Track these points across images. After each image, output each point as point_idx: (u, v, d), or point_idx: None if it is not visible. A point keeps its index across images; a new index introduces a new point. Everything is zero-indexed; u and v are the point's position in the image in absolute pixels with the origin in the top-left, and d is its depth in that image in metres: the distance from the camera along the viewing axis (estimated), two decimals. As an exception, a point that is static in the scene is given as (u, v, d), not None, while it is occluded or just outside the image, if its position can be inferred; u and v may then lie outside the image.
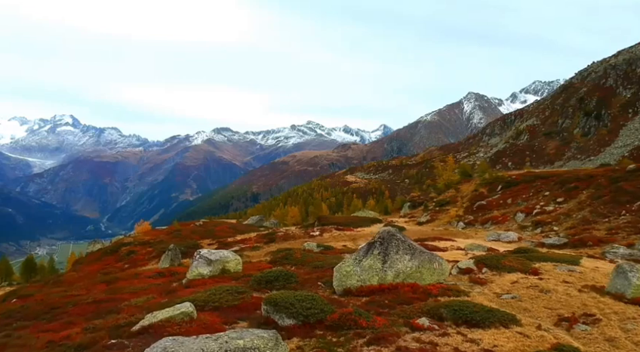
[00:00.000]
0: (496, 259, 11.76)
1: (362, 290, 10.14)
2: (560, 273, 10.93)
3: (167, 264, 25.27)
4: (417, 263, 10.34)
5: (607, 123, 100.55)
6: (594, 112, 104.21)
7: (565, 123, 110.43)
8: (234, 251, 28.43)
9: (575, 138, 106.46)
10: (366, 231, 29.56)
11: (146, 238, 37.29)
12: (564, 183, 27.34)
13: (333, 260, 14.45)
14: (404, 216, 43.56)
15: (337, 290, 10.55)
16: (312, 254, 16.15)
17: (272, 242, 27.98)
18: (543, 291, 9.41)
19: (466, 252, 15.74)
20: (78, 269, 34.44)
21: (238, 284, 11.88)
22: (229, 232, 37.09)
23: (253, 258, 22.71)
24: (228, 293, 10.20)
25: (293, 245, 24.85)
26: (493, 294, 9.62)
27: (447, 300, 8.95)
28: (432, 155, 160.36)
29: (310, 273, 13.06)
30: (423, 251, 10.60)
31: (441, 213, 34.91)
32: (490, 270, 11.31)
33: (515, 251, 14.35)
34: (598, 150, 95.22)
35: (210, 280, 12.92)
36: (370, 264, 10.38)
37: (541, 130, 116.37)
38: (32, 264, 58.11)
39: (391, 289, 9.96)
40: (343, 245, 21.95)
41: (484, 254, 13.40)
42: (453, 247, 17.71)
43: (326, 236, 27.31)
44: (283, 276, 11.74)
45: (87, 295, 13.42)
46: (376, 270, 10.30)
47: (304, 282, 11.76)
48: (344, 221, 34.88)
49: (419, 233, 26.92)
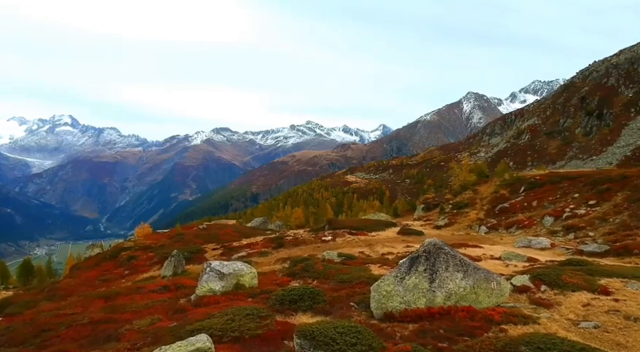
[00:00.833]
0: (555, 274, 10.16)
1: (407, 314, 8.57)
2: (634, 292, 9.37)
3: (170, 272, 24.18)
4: (472, 282, 8.77)
5: (609, 122, 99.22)
6: (596, 111, 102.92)
7: (567, 122, 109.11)
8: (240, 256, 26.83)
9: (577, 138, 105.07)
10: (381, 236, 28.01)
11: (147, 242, 35.73)
12: (595, 184, 25.58)
13: (360, 273, 12.88)
14: (418, 219, 41.80)
15: (376, 313, 8.99)
16: (333, 265, 14.55)
17: (280, 248, 26.46)
18: (629, 319, 7.85)
19: (506, 264, 14.13)
20: (75, 275, 32.81)
21: (257, 303, 10.30)
22: (234, 236, 35.49)
23: (262, 265, 21.14)
24: (248, 318, 8.62)
25: (304, 251, 23.27)
26: (567, 321, 8.05)
27: (517, 331, 7.39)
28: (433, 155, 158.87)
29: (337, 289, 11.49)
30: (478, 267, 9.02)
31: (460, 216, 33.03)
32: (549, 288, 9.74)
33: (566, 262, 12.73)
34: (600, 150, 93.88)
35: (223, 297, 11.35)
36: (414, 282, 8.81)
37: (542, 129, 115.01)
38: (30, 266, 56.33)
39: (442, 314, 8.39)
40: (360, 252, 20.38)
41: (537, 268, 11.79)
42: (487, 256, 16.12)
43: (339, 242, 25.71)
44: (308, 295, 10.17)
45: (83, 314, 11.82)
46: (423, 291, 8.73)
47: (333, 301, 10.19)
48: (357, 225, 33.18)
49: (439, 238, 25.28)
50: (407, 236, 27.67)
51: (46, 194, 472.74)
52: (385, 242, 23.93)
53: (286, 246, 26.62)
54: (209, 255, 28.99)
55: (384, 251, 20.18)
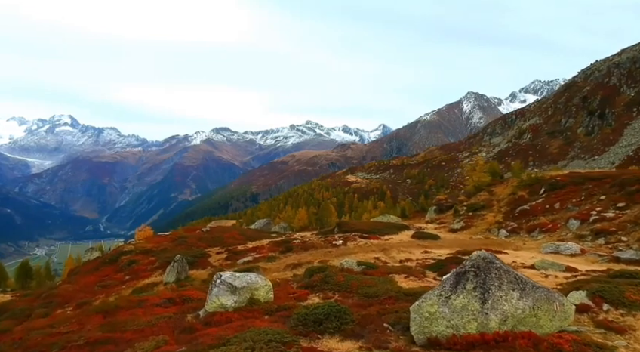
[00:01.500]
0: (617, 290, 8.92)
1: (456, 341, 7.34)
2: None
3: (173, 278, 23.10)
4: (531, 302, 7.53)
5: (611, 122, 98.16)
6: (597, 111, 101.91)
7: (568, 122, 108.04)
8: (246, 261, 25.52)
9: (578, 137, 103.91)
10: (395, 240, 26.79)
11: (148, 246, 34.55)
12: (623, 185, 24.30)
13: (386, 286, 11.63)
14: (431, 221, 40.05)
15: (418, 339, 7.75)
16: (354, 275, 13.29)
17: (289, 252, 25.25)
18: None
19: (545, 275, 12.79)
20: (74, 280, 31.59)
21: (275, 324, 9.08)
22: (238, 239, 34.33)
23: (271, 271, 19.91)
24: (271, 346, 7.39)
25: (314, 256, 22.03)
26: (651, 352, 6.82)
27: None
28: (433, 154, 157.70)
29: (363, 305, 10.25)
30: (536, 285, 7.78)
31: (476, 219, 31.75)
32: (613, 308, 8.51)
33: (618, 273, 11.44)
34: (602, 150, 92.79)
35: (235, 315, 10.10)
36: (463, 303, 7.58)
37: (544, 129, 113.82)
38: (28, 268, 54.69)
39: (499, 341, 7.15)
40: (376, 258, 19.18)
41: (584, 280, 10.53)
42: (517, 264, 14.86)
43: (351, 246, 24.46)
44: (335, 314, 8.93)
45: (79, 332, 10.58)
46: (474, 313, 7.50)
47: (363, 321, 8.95)
48: (367, 228, 32.00)
49: (457, 242, 24.28)
50: (423, 240, 26.44)
51: (46, 194, 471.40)
52: (400, 246, 22.73)
53: (294, 250, 25.42)
54: (213, 260, 27.97)
55: (401, 258, 18.97)
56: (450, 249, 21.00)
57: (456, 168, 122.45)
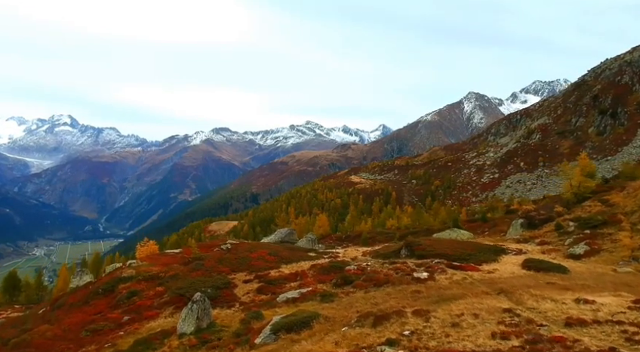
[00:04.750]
0: None
1: None
2: None
3: (192, 327, 18.15)
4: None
5: (623, 122, 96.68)
6: (609, 110, 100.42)
7: (579, 122, 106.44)
8: (290, 299, 19.40)
9: (590, 137, 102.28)
10: (502, 272, 20.24)
11: (153, 270, 27.89)
12: None
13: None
14: (523, 240, 31.15)
15: None
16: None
17: (347, 286, 19.68)
18: None
19: None
20: (56, 317, 25.04)
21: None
22: (269, 260, 28.34)
23: (336, 324, 13.82)
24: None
25: (397, 299, 15.99)
26: None
27: None
28: (438, 155, 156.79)
29: None
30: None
31: (601, 239, 24.66)
32: None
33: None
34: (615, 150, 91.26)
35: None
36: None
37: (553, 129, 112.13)
38: (16, 280, 51.03)
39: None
40: (507, 311, 12.74)
41: None
42: None
43: (444, 282, 18.35)
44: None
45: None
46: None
47: None
48: (451, 252, 24.63)
49: (603, 279, 17.30)
50: (544, 273, 19.34)
51: (45, 194, 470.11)
52: (523, 286, 15.73)
53: (357, 284, 19.90)
54: (241, 292, 22.83)
55: (556, 316, 11.99)
56: (612, 295, 13.97)
57: (462, 169, 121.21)
